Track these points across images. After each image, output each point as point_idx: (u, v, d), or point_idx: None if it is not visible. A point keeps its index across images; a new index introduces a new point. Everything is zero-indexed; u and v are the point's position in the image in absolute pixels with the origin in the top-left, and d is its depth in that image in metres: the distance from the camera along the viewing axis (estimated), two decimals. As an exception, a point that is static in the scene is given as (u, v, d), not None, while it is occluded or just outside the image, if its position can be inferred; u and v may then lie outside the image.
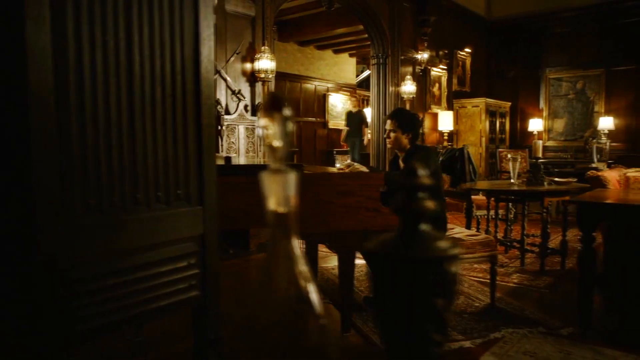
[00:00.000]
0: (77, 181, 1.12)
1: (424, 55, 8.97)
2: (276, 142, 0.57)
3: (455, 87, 10.08)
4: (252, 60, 6.14)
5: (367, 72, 12.90)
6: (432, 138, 9.48)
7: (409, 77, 8.56)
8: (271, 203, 0.59)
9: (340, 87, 12.95)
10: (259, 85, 6.24)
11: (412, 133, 3.42)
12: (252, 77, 6.18)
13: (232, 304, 1.46)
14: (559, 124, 10.51)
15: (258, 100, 6.22)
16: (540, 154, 4.72)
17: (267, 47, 6.15)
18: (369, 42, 8.70)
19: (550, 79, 10.53)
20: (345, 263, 2.89)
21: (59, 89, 1.06)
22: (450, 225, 3.78)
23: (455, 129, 9.69)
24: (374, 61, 8.60)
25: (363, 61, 13.34)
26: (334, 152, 11.58)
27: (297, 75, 11.83)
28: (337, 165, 3.46)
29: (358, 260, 4.48)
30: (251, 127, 6.03)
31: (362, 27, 8.58)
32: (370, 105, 9.60)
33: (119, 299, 1.21)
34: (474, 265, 4.54)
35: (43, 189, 1.06)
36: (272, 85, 6.43)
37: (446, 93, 9.83)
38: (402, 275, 0.55)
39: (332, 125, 12.39)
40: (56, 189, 1.08)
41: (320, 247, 4.33)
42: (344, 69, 13.25)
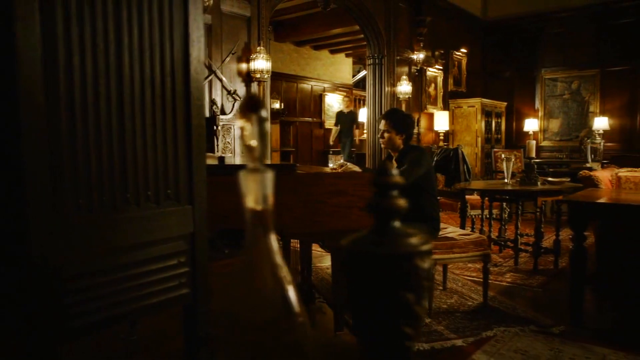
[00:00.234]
0: (68, 181, 1.14)
1: (419, 56, 9.00)
2: (253, 142, 0.59)
3: (451, 87, 10.11)
4: (247, 60, 6.16)
5: (364, 73, 12.91)
6: (428, 138, 9.51)
7: (404, 77, 8.59)
8: (249, 201, 0.61)
9: (336, 87, 12.98)
10: (254, 86, 6.26)
11: (406, 134, 3.44)
12: (248, 77, 6.19)
13: (228, 303, 1.48)
14: (555, 124, 10.55)
15: (254, 100, 6.23)
16: (534, 154, 4.74)
17: (262, 47, 6.16)
18: (365, 43, 8.72)
19: (545, 79, 10.57)
20: (338, 262, 2.91)
21: (49, 90, 1.08)
22: (444, 225, 3.80)
23: (451, 129, 9.72)
24: (370, 61, 8.62)
25: (359, 61, 13.36)
26: (331, 152, 11.60)
27: (294, 75, 11.85)
28: (330, 165, 3.48)
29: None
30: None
31: (358, 27, 8.60)
32: (366, 105, 9.62)
33: (110, 297, 1.23)
34: (468, 265, 4.57)
35: (34, 189, 1.07)
36: (267, 85, 6.45)
37: (442, 93, 9.86)
38: (373, 271, 0.57)
39: (328, 125, 12.42)
40: (47, 189, 1.09)
41: (314, 247, 4.35)
42: (340, 69, 13.27)
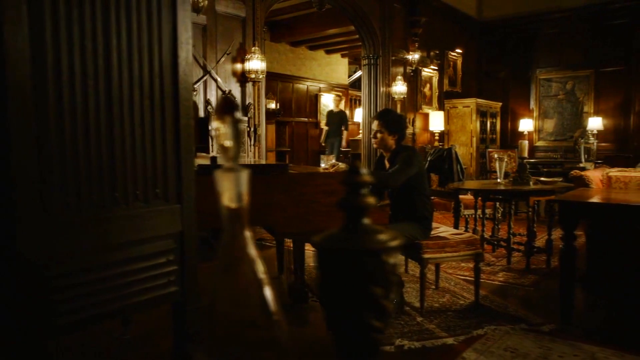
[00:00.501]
0: (56, 181, 1.16)
1: (415, 56, 9.03)
2: (227, 142, 0.61)
3: (446, 88, 10.14)
4: (242, 60, 6.18)
5: (360, 73, 12.94)
6: (423, 138, 9.54)
7: (399, 77, 8.61)
8: (225, 199, 0.64)
9: (332, 88, 13.00)
10: (249, 86, 6.28)
11: (399, 134, 3.46)
12: (243, 78, 6.21)
13: (208, 299, 1.50)
14: (549, 124, 10.60)
15: (249, 100, 6.26)
16: (527, 153, 4.78)
17: (257, 48, 6.18)
18: (361, 43, 8.75)
19: (540, 80, 10.62)
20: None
21: (38, 92, 1.10)
22: (436, 225, 3.83)
23: (446, 129, 9.76)
24: (365, 62, 8.65)
25: (355, 62, 13.39)
26: (326, 152, 11.62)
27: (289, 75, 11.87)
28: (322, 165, 3.50)
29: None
30: (241, 128, 6.06)
31: (353, 27, 8.62)
32: (361, 105, 9.65)
33: (98, 294, 1.25)
34: (461, 264, 4.60)
35: (23, 188, 1.09)
36: (262, 85, 6.47)
37: (437, 93, 9.89)
38: (343, 266, 0.59)
39: (324, 125, 12.43)
40: (35, 188, 1.12)
41: (307, 247, 4.37)
42: (336, 69, 13.30)
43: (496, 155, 5.17)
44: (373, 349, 0.63)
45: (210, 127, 5.60)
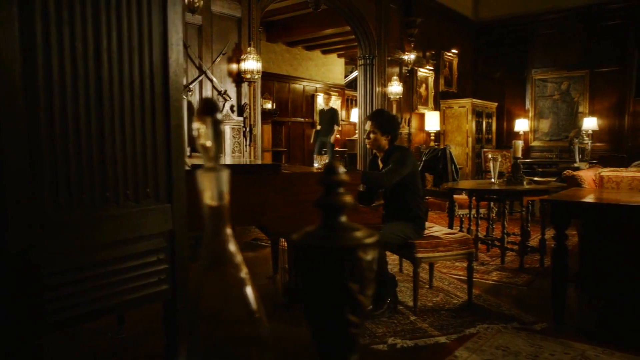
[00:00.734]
0: (47, 180, 1.17)
1: (410, 56, 9.05)
2: (208, 142, 0.63)
3: (442, 88, 10.17)
4: (238, 61, 6.19)
5: (356, 73, 12.96)
6: (419, 138, 9.57)
7: (395, 77, 8.64)
8: (206, 198, 0.66)
9: (328, 88, 13.02)
10: (245, 86, 6.29)
11: (392, 134, 3.48)
12: (239, 78, 6.23)
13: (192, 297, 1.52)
14: (545, 125, 10.64)
15: (244, 100, 6.27)
16: (520, 153, 4.80)
17: (253, 48, 6.20)
18: (357, 43, 8.77)
19: (535, 80, 10.66)
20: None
21: (28, 92, 1.11)
22: (430, 224, 3.85)
23: (442, 129, 9.79)
24: (361, 62, 8.67)
25: (352, 62, 13.41)
26: (323, 152, 11.64)
27: (286, 75, 11.89)
28: (316, 165, 3.52)
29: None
30: (237, 128, 6.08)
31: (349, 28, 8.65)
32: (357, 105, 9.67)
33: (89, 292, 1.27)
34: (455, 264, 4.63)
35: (13, 187, 1.11)
36: (258, 85, 6.48)
37: (433, 93, 9.92)
38: (320, 263, 0.61)
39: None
40: (26, 187, 1.13)
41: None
42: (332, 69, 13.32)
43: (490, 155, 5.19)
44: (351, 343, 0.64)
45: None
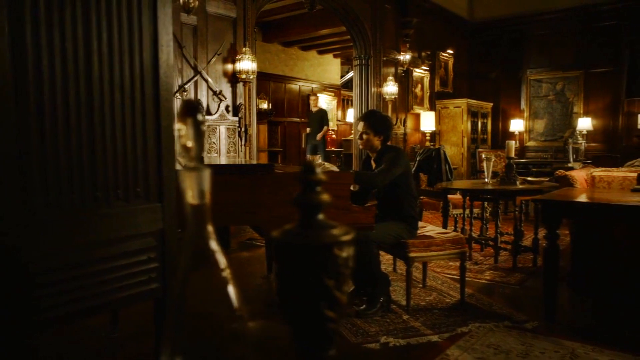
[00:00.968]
0: (37, 180, 1.19)
1: (406, 57, 9.08)
2: (189, 143, 0.65)
3: (437, 88, 10.20)
4: (233, 61, 6.20)
5: (352, 73, 12.97)
6: (415, 138, 9.60)
7: (391, 78, 8.66)
8: (188, 197, 0.67)
9: (324, 88, 13.04)
10: (240, 86, 6.30)
11: (384, 135, 3.51)
12: (234, 78, 6.24)
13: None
14: (540, 125, 10.69)
15: (239, 100, 6.28)
16: (514, 153, 4.83)
17: (248, 48, 6.21)
18: (352, 43, 8.79)
19: (531, 80, 10.71)
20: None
21: (19, 93, 1.13)
22: (423, 224, 3.87)
23: (437, 130, 9.82)
24: (357, 62, 8.69)
25: (348, 62, 13.43)
26: (318, 152, 11.65)
27: (282, 75, 11.90)
28: (308, 165, 3.52)
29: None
30: (232, 128, 6.09)
31: (345, 28, 8.67)
32: (353, 105, 9.69)
33: (80, 291, 1.28)
34: (449, 263, 4.65)
35: (3, 187, 1.12)
36: (253, 85, 6.50)
37: (428, 94, 9.95)
38: (297, 259, 0.63)
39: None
40: (16, 187, 1.15)
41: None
42: (328, 69, 13.34)
43: (484, 156, 5.22)
44: (328, 338, 0.66)
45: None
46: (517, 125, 10.49)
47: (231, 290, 0.68)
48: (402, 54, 9.07)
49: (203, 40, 5.89)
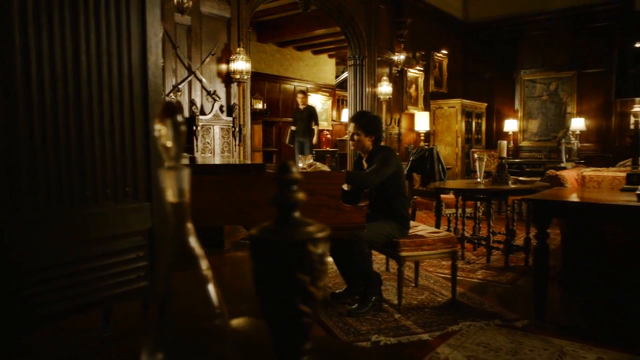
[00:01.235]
0: (26, 181, 1.20)
1: (400, 57, 9.11)
2: (168, 143, 0.67)
3: (432, 88, 10.24)
4: (227, 61, 6.22)
5: (347, 73, 12.98)
6: (409, 138, 9.62)
7: (385, 78, 8.69)
8: (168, 195, 0.69)
9: (319, 88, 13.06)
10: (234, 86, 6.32)
11: (375, 135, 3.53)
12: (228, 78, 6.25)
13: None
14: (534, 125, 10.73)
15: (234, 101, 6.30)
16: (505, 153, 4.86)
17: (242, 49, 6.23)
18: (347, 44, 8.81)
19: (524, 81, 10.75)
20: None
21: (7, 94, 1.14)
22: (415, 223, 3.90)
23: (431, 130, 9.85)
24: (351, 62, 8.72)
25: (343, 62, 13.45)
26: (313, 152, 11.66)
27: (277, 75, 11.91)
28: (300, 164, 3.55)
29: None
30: (226, 128, 6.10)
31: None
32: (347, 105, 9.71)
33: (69, 289, 1.30)
34: (442, 263, 4.67)
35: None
36: (247, 85, 6.51)
37: (423, 94, 9.98)
38: (273, 256, 0.65)
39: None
40: (4, 187, 1.16)
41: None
42: (323, 69, 13.36)
43: (476, 155, 5.25)
44: (304, 332, 0.68)
45: (194, 127, 5.65)
46: (511, 125, 10.53)
47: (211, 287, 0.70)
48: (396, 54, 9.10)
49: (197, 41, 5.90)
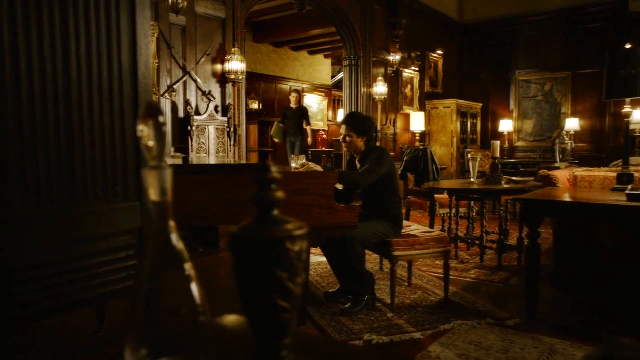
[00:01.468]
0: (15, 179, 1.22)
1: (395, 57, 9.13)
2: (150, 142, 0.69)
3: (427, 88, 10.27)
4: (222, 61, 6.23)
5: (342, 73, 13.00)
6: (404, 138, 9.65)
7: (380, 78, 8.71)
8: (151, 194, 0.71)
9: (315, 88, 13.07)
10: (229, 86, 6.33)
11: (367, 135, 3.55)
12: (223, 78, 6.26)
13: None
14: (528, 125, 10.78)
15: (228, 101, 6.31)
16: (498, 153, 4.89)
17: (237, 49, 6.24)
18: (342, 44, 8.83)
19: (519, 81, 10.80)
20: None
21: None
22: (408, 223, 3.92)
23: (427, 130, 9.88)
24: (346, 62, 8.74)
25: (338, 62, 13.46)
26: (309, 152, 11.67)
27: (272, 75, 11.92)
28: (292, 164, 3.57)
29: (318, 257, 4.60)
30: (221, 128, 6.11)
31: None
32: (342, 105, 9.73)
33: (58, 287, 1.31)
34: (435, 262, 4.70)
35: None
36: (242, 86, 6.52)
37: (418, 94, 10.02)
38: (251, 253, 0.67)
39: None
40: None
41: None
42: (319, 69, 13.37)
43: (469, 155, 5.28)
44: (283, 328, 0.70)
45: (188, 127, 5.66)
46: (506, 125, 10.58)
47: (193, 284, 0.72)
48: (391, 54, 9.13)
49: (192, 41, 5.91)
